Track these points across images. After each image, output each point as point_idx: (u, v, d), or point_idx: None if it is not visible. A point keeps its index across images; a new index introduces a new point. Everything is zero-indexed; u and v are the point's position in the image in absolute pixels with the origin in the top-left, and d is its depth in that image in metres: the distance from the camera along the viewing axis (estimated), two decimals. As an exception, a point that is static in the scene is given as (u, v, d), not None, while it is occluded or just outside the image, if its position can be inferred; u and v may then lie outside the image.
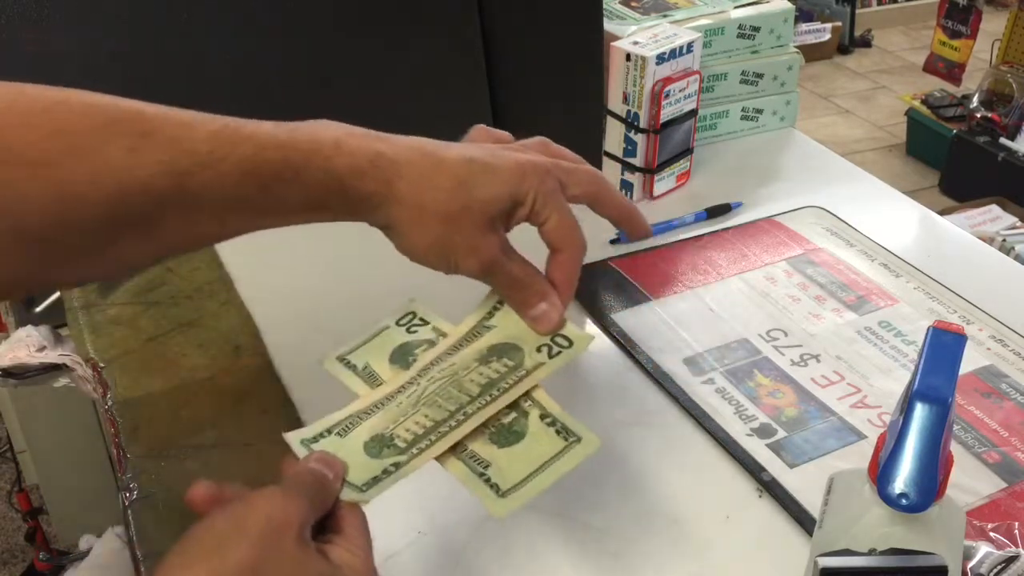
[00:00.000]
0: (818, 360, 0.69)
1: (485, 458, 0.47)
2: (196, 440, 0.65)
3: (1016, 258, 0.88)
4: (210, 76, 0.78)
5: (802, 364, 0.69)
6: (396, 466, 0.46)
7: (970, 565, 0.51)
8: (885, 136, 3.36)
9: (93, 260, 0.45)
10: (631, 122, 0.87)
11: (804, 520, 0.56)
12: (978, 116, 2.83)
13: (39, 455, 1.42)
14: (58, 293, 1.07)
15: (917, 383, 0.40)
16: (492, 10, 0.83)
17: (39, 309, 1.20)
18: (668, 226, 0.85)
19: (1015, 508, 0.57)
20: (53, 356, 0.85)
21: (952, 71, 2.82)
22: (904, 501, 0.38)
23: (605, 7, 0.89)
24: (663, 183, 0.91)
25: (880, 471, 0.39)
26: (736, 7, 0.96)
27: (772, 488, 0.59)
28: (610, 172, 0.90)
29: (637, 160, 0.88)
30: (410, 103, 0.84)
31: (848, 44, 4.06)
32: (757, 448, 0.61)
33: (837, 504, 0.43)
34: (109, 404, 0.69)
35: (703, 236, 0.84)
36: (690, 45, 0.86)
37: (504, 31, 0.84)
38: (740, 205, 0.89)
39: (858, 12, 4.12)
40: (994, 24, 3.27)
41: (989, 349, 0.70)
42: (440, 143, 0.51)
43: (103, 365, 0.73)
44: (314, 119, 0.49)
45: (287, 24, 0.78)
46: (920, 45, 3.96)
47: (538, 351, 0.51)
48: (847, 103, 3.63)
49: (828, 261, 0.80)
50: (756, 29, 0.96)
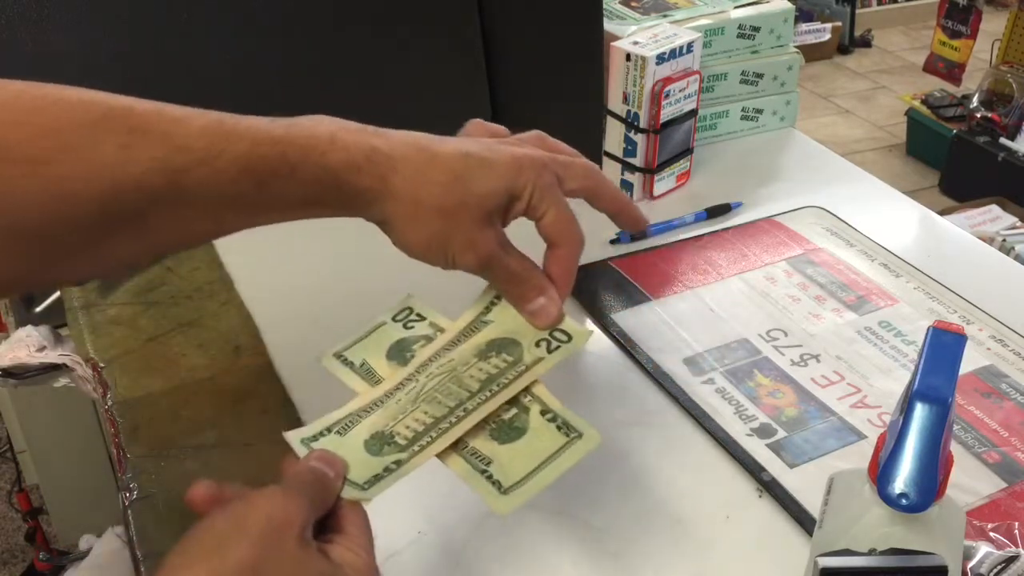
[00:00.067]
0: (818, 360, 0.69)
1: (486, 455, 0.47)
2: (196, 440, 0.65)
3: (1016, 258, 0.88)
4: (210, 76, 0.78)
5: (802, 364, 0.69)
6: (397, 464, 0.46)
7: (970, 565, 0.51)
8: (885, 136, 3.36)
9: (88, 258, 0.44)
10: (631, 122, 0.87)
11: (804, 520, 0.56)
12: (978, 116, 2.83)
13: (39, 455, 1.42)
14: (58, 293, 1.07)
15: (917, 383, 0.40)
16: (492, 10, 0.83)
17: (39, 309, 1.20)
18: (668, 226, 0.85)
19: (1015, 508, 0.57)
20: (53, 356, 0.85)
21: (952, 71, 2.82)
22: (904, 501, 0.38)
23: (605, 7, 0.89)
24: (663, 183, 0.91)
25: (880, 471, 0.39)
26: (736, 7, 0.96)
27: (772, 488, 0.59)
28: (610, 172, 0.90)
29: (637, 160, 0.88)
30: (410, 103, 0.84)
31: (848, 44, 4.06)
32: (757, 448, 0.61)
33: (837, 504, 0.43)
34: (109, 404, 0.69)
35: (703, 236, 0.84)
36: (690, 45, 0.86)
37: (504, 31, 0.84)
38: (740, 205, 0.89)
39: (858, 12, 4.12)
40: (994, 24, 3.27)
41: (989, 349, 0.70)
42: (436, 137, 0.50)
43: (103, 365, 0.73)
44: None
45: (287, 24, 0.78)
46: (920, 45, 3.96)
47: (537, 346, 0.51)
48: (847, 103, 3.63)
49: (828, 261, 0.80)
50: (756, 29, 0.96)
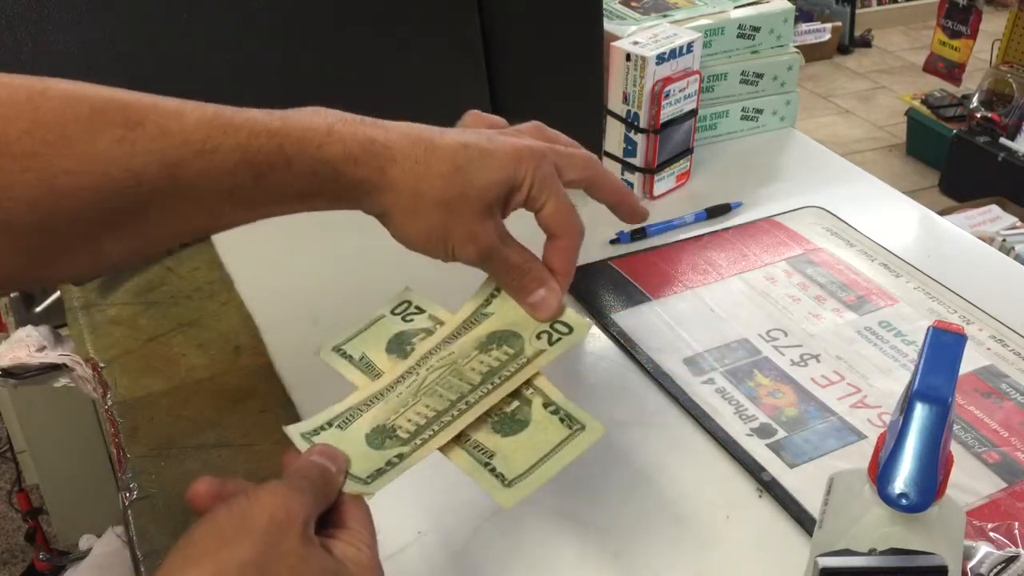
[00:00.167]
0: (818, 360, 0.69)
1: (489, 448, 0.47)
2: (196, 440, 0.65)
3: (1016, 258, 0.88)
4: (210, 76, 0.78)
5: (802, 364, 0.69)
6: (400, 457, 0.46)
7: (970, 565, 0.51)
8: (885, 136, 3.36)
9: (87, 253, 0.44)
10: (631, 122, 0.87)
11: (804, 520, 0.56)
12: (978, 116, 2.83)
13: (39, 455, 1.42)
14: (58, 293, 1.07)
15: (917, 383, 0.40)
16: (492, 10, 0.83)
17: (39, 309, 1.20)
18: (668, 226, 0.85)
19: (1015, 508, 0.57)
20: (53, 356, 0.85)
21: (952, 71, 2.82)
22: (904, 501, 0.38)
23: (605, 7, 0.89)
24: (663, 183, 0.91)
25: (880, 471, 0.39)
26: (736, 7, 0.96)
27: (772, 488, 0.59)
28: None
29: (637, 160, 0.88)
30: (410, 103, 0.84)
31: (848, 44, 4.06)
32: (757, 448, 0.61)
33: (837, 504, 0.43)
34: (109, 404, 0.69)
35: (703, 236, 0.84)
36: (690, 45, 0.86)
37: (504, 31, 0.84)
38: (740, 205, 0.89)
39: (858, 12, 4.12)
40: (994, 24, 3.27)
41: (989, 349, 0.70)
42: (434, 128, 0.50)
43: (103, 365, 0.73)
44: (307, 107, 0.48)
45: (287, 24, 0.78)
46: (920, 45, 3.96)
47: (538, 338, 0.51)
48: (847, 103, 3.63)
49: (828, 261, 0.80)
50: (756, 29, 0.96)
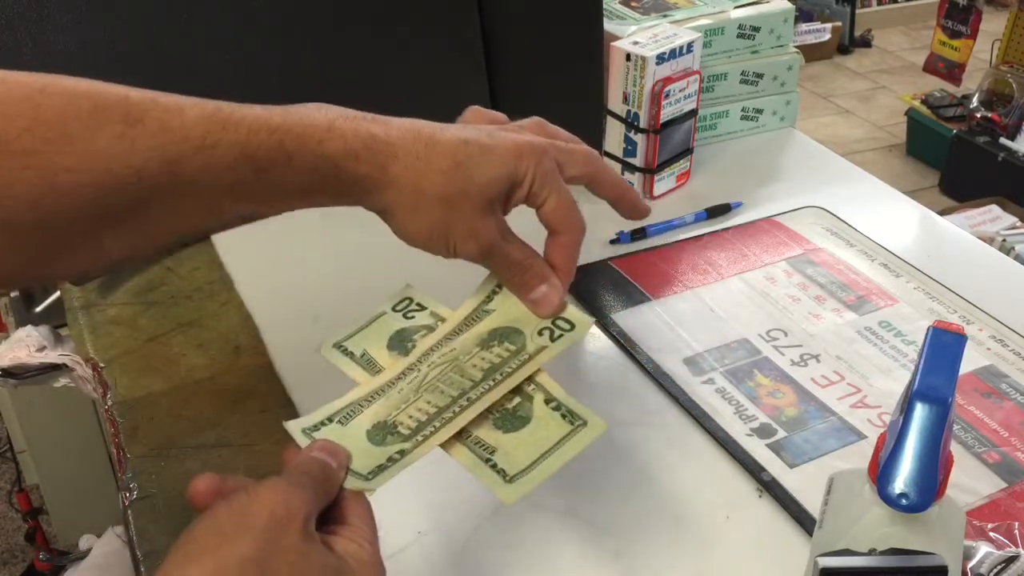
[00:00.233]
0: (818, 360, 0.69)
1: (491, 444, 0.47)
2: (196, 440, 0.65)
3: (1016, 258, 0.88)
4: (210, 76, 0.78)
5: (802, 364, 0.69)
6: (401, 453, 0.45)
7: (970, 565, 0.51)
8: (885, 136, 3.36)
9: (87, 250, 0.44)
10: (631, 122, 0.87)
11: (804, 520, 0.56)
12: (978, 116, 2.83)
13: (39, 455, 1.42)
14: (58, 293, 1.07)
15: (917, 383, 0.40)
16: (492, 10, 0.83)
17: (39, 309, 1.20)
18: (668, 226, 0.85)
19: (1015, 508, 0.57)
20: (53, 356, 0.85)
21: (952, 71, 2.82)
22: (904, 501, 0.38)
23: (605, 7, 0.89)
24: (663, 183, 0.91)
25: (880, 471, 0.39)
26: (736, 7, 0.96)
27: (772, 488, 0.59)
28: (610, 172, 0.90)
29: (637, 160, 0.88)
30: (410, 103, 0.83)
31: (848, 44, 4.06)
32: (757, 448, 0.61)
33: (837, 504, 0.43)
34: (109, 404, 0.69)
35: (703, 236, 0.84)
36: (690, 45, 0.86)
37: (504, 31, 0.84)
38: (740, 205, 0.89)
39: (858, 12, 4.12)
40: (994, 24, 3.27)
41: (989, 349, 0.70)
42: (435, 124, 0.50)
43: (103, 365, 0.73)
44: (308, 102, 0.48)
45: (287, 24, 0.78)
46: (920, 45, 3.96)
47: (539, 334, 0.51)
48: (847, 103, 3.63)
49: (828, 261, 0.80)
50: (756, 29, 0.96)
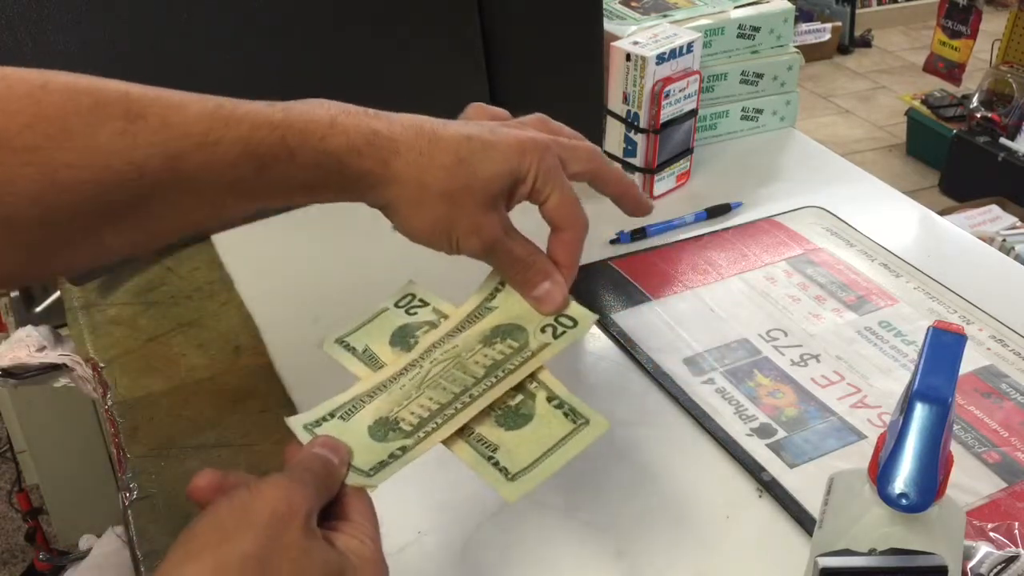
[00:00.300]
0: (818, 360, 0.69)
1: (493, 441, 0.46)
2: (196, 440, 0.65)
3: (1016, 258, 0.88)
4: (210, 76, 0.77)
5: (802, 364, 0.69)
6: (403, 450, 0.45)
7: (970, 565, 0.51)
8: (885, 136, 3.36)
9: (89, 247, 0.44)
10: (631, 122, 0.87)
11: (804, 520, 0.56)
12: (978, 116, 2.83)
13: (39, 455, 1.42)
14: (58, 293, 1.07)
15: (917, 383, 0.40)
16: (492, 10, 0.83)
17: (39, 309, 1.20)
18: (668, 226, 0.85)
19: (1015, 508, 0.57)
20: (53, 356, 0.85)
21: (952, 71, 2.82)
22: (904, 501, 0.38)
23: (605, 7, 0.89)
24: (663, 183, 0.91)
25: (880, 471, 0.39)
26: (736, 7, 0.96)
27: (772, 488, 0.59)
28: (610, 172, 0.90)
29: (637, 160, 0.88)
30: (410, 103, 0.83)
31: (848, 44, 4.06)
32: (757, 448, 0.61)
33: (837, 504, 0.43)
34: (109, 404, 0.69)
35: (703, 236, 0.84)
36: (690, 45, 0.86)
37: (504, 31, 0.84)
38: (740, 205, 0.89)
39: (858, 12, 4.12)
40: (994, 24, 3.27)
41: (989, 349, 0.70)
42: (438, 120, 0.50)
43: (103, 365, 0.73)
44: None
45: (287, 24, 0.78)
46: (920, 45, 3.96)
47: (542, 331, 0.51)
48: (847, 103, 3.63)
49: (828, 261, 0.80)
50: (756, 29, 0.96)
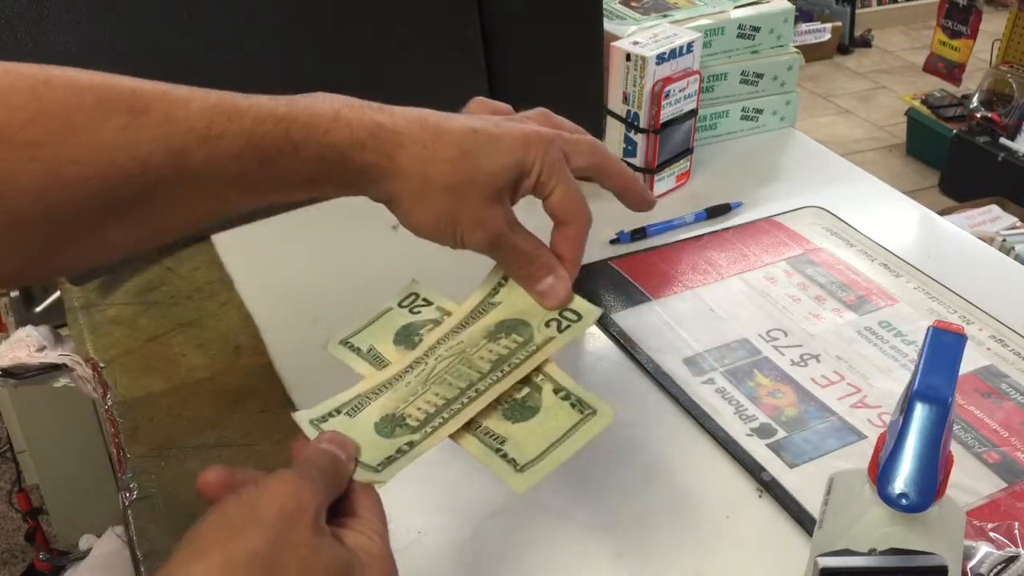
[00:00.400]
0: (818, 360, 0.69)
1: (500, 434, 0.46)
2: (196, 440, 0.65)
3: (1016, 258, 0.88)
4: (210, 76, 0.77)
5: (802, 364, 0.69)
6: (410, 445, 0.45)
7: (970, 565, 0.51)
8: (885, 136, 3.36)
9: (92, 243, 0.44)
10: (631, 122, 0.87)
11: (804, 520, 0.56)
12: (978, 116, 2.83)
13: (39, 455, 1.42)
14: (58, 293, 1.07)
15: (917, 383, 0.40)
16: (492, 10, 0.83)
17: (39, 309, 1.20)
18: (668, 226, 0.85)
19: (1015, 508, 0.57)
20: (53, 356, 0.85)
21: (952, 71, 2.82)
22: (904, 501, 0.38)
23: (605, 7, 0.89)
24: (663, 183, 0.91)
25: (880, 471, 0.39)
26: (736, 7, 0.96)
27: (772, 488, 0.59)
28: (610, 172, 0.90)
29: (637, 160, 0.88)
30: (410, 103, 0.83)
31: (848, 44, 4.06)
32: (757, 448, 0.61)
33: (837, 504, 0.43)
34: (109, 404, 0.69)
35: (703, 236, 0.84)
36: (690, 45, 0.86)
37: (504, 31, 0.84)
38: (740, 205, 0.89)
39: (858, 12, 4.12)
40: (994, 24, 3.27)
41: (989, 349, 0.70)
42: (441, 114, 0.50)
43: (103, 365, 0.73)
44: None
45: (287, 24, 0.78)
46: (920, 45, 3.96)
47: (547, 325, 0.50)
48: (847, 103, 3.63)
49: (828, 261, 0.80)
50: (756, 29, 0.96)
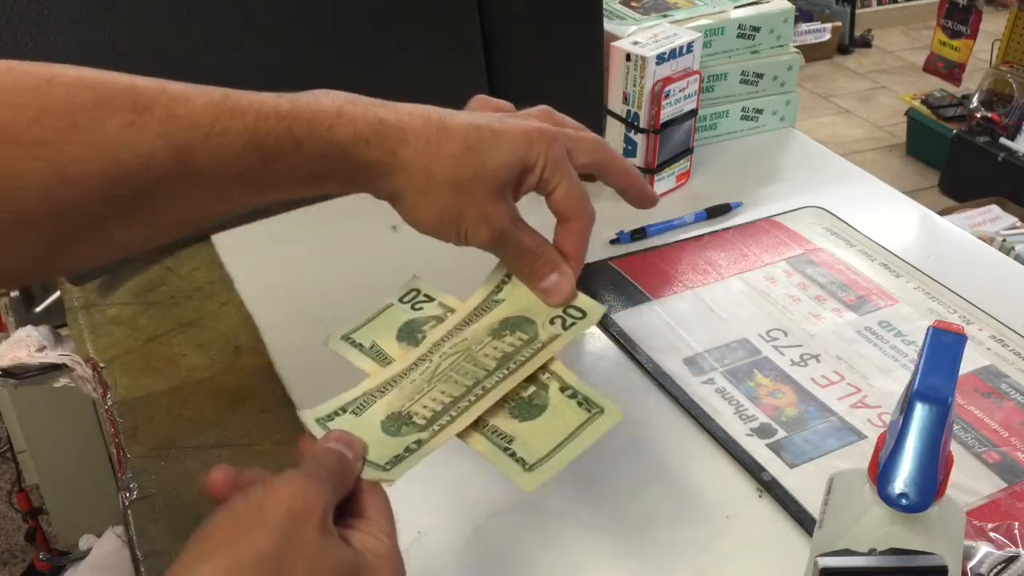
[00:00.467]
0: (818, 360, 0.69)
1: (508, 433, 0.46)
2: (196, 440, 0.65)
3: (1016, 258, 0.88)
4: (210, 76, 0.77)
5: (802, 364, 0.69)
6: (418, 443, 0.45)
7: (970, 565, 0.51)
8: (885, 136, 3.36)
9: (96, 242, 0.43)
10: (631, 122, 0.87)
11: (804, 520, 0.56)
12: (978, 116, 2.83)
13: (39, 455, 1.42)
14: (58, 293, 1.07)
15: (917, 383, 0.40)
16: (492, 10, 0.83)
17: (39, 309, 1.20)
18: (668, 226, 0.85)
19: (1015, 508, 0.57)
20: (53, 356, 0.85)
21: (952, 71, 2.82)
22: (904, 501, 0.38)
23: (605, 7, 0.89)
24: (663, 183, 0.91)
25: (880, 471, 0.39)
26: (736, 7, 0.96)
27: (772, 488, 0.59)
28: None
29: (637, 160, 0.88)
30: (410, 103, 0.84)
31: (848, 44, 4.06)
32: (757, 448, 0.61)
33: (837, 504, 0.43)
34: (109, 404, 0.69)
35: (703, 236, 0.84)
36: (690, 45, 0.86)
37: (504, 31, 0.84)
38: (740, 205, 0.89)
39: (858, 12, 4.12)
40: (994, 24, 3.27)
41: (989, 349, 0.70)
42: (445, 110, 0.49)
43: (103, 365, 0.73)
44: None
45: (287, 24, 0.78)
46: (920, 45, 3.96)
47: (551, 323, 0.50)
48: (847, 103, 3.63)
49: (828, 261, 0.80)
50: (756, 29, 0.96)
